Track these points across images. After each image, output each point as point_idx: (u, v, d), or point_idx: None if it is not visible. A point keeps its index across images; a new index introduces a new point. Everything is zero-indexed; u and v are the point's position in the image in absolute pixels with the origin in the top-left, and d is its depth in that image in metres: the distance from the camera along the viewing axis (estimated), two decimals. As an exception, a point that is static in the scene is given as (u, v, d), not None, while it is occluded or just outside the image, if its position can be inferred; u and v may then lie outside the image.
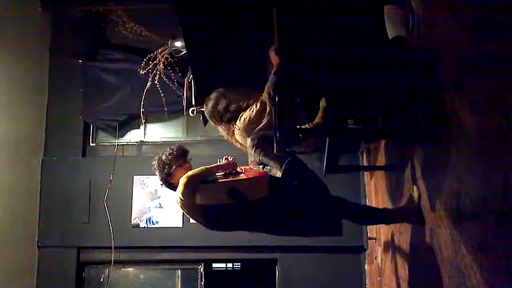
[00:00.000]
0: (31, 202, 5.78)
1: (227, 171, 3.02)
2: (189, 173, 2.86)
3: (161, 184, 3.11)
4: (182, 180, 2.82)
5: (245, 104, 3.38)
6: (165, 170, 3.02)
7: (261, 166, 3.09)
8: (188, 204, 2.85)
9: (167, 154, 3.05)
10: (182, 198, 2.84)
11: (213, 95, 3.49)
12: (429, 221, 2.62)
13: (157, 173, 3.07)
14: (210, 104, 3.47)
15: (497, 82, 1.68)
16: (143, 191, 5.82)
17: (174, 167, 3.01)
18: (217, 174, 2.97)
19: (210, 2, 3.57)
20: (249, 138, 3.17)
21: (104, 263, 5.77)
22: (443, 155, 2.28)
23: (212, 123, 3.61)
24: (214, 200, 2.84)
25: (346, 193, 3.95)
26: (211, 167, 2.93)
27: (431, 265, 2.51)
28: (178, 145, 3.17)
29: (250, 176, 2.96)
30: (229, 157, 3.13)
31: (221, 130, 3.60)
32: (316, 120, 3.30)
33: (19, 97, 5.73)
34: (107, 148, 6.15)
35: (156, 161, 3.07)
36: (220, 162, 3.07)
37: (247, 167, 3.16)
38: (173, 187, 3.00)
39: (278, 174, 2.96)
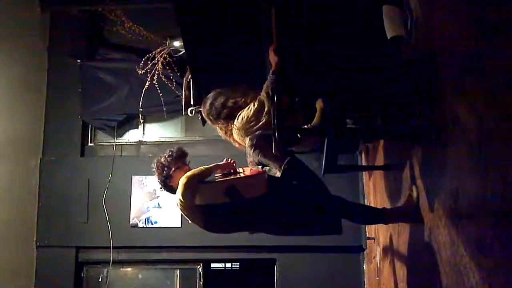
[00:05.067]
0: (30, 202, 5.77)
1: (226, 171, 3.03)
2: (189, 173, 2.86)
3: (160, 188, 3.10)
4: (182, 180, 2.82)
5: (242, 100, 3.37)
6: (164, 172, 3.01)
7: (260, 166, 3.09)
8: (188, 205, 2.85)
9: (166, 156, 3.04)
10: (181, 200, 2.83)
11: (210, 95, 3.50)
12: (427, 221, 2.62)
13: (156, 175, 3.06)
14: (208, 102, 3.47)
15: (496, 82, 1.68)
16: (142, 191, 5.81)
17: (173, 169, 3.00)
18: (216, 174, 2.98)
19: (208, 2, 3.57)
20: (248, 138, 3.17)
21: (102, 263, 5.76)
22: (442, 155, 2.28)
23: (209, 123, 3.60)
24: (212, 200, 2.85)
25: (345, 193, 3.94)
26: (210, 167, 2.93)
27: (429, 265, 2.51)
28: (177, 147, 3.16)
29: (248, 174, 2.97)
30: (229, 160, 3.14)
31: (219, 129, 3.59)
32: (314, 121, 3.30)
33: (17, 97, 5.73)
34: (106, 148, 6.14)
35: (155, 164, 3.06)
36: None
37: (247, 168, 3.17)
38: (172, 190, 2.99)
39: (278, 174, 2.96)
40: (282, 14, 3.16)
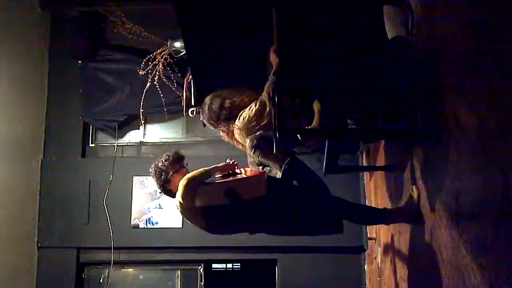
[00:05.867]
0: (31, 202, 5.78)
1: (225, 173, 3.02)
2: (189, 175, 2.85)
3: (160, 192, 3.10)
4: (182, 182, 2.81)
5: (239, 99, 3.37)
6: (162, 177, 2.99)
7: (260, 167, 3.09)
8: (188, 207, 2.84)
9: (163, 161, 3.02)
10: (181, 202, 2.83)
11: (206, 99, 3.49)
12: (428, 221, 2.62)
13: (154, 181, 3.05)
14: (206, 107, 3.47)
15: (496, 82, 1.68)
16: (143, 191, 5.81)
17: (171, 173, 2.99)
18: (216, 175, 2.98)
19: (209, 2, 3.57)
20: (248, 139, 3.17)
21: (103, 263, 5.77)
22: (443, 155, 2.28)
23: (211, 127, 3.60)
24: (212, 201, 2.84)
25: (346, 194, 3.95)
26: (209, 169, 2.92)
27: (430, 265, 2.51)
28: (174, 151, 3.14)
29: (247, 176, 2.97)
30: (231, 160, 3.13)
31: (221, 132, 3.59)
32: (314, 123, 3.30)
33: (18, 97, 5.73)
34: (107, 149, 6.15)
35: (153, 169, 3.04)
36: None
37: (247, 168, 3.17)
38: (172, 194, 2.99)
39: (278, 174, 2.96)
40: (283, 15, 3.16)
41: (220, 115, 3.39)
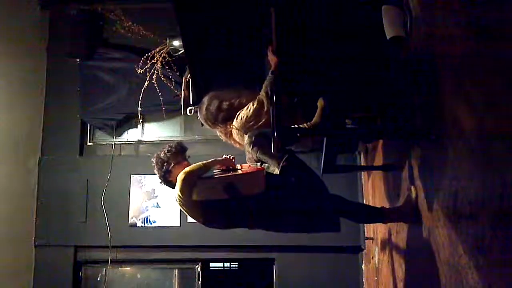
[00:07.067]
0: (28, 201, 5.76)
1: (224, 167, 3.03)
2: (187, 169, 2.87)
3: (160, 182, 3.11)
4: (180, 176, 2.83)
5: (237, 101, 3.38)
6: (164, 167, 3.02)
7: (258, 163, 3.10)
8: (186, 200, 2.86)
9: (166, 152, 3.05)
10: (180, 195, 2.84)
11: (204, 99, 3.51)
12: (426, 221, 2.62)
13: (155, 170, 3.07)
14: (203, 107, 3.48)
15: (495, 83, 1.68)
16: (141, 190, 5.81)
17: (172, 165, 3.01)
18: (214, 170, 2.99)
19: (208, 1, 3.57)
20: (246, 135, 3.17)
21: (101, 262, 5.75)
22: (441, 155, 2.29)
23: (208, 127, 3.61)
24: (211, 196, 2.86)
25: (344, 193, 3.94)
26: (208, 163, 2.94)
27: (428, 265, 2.51)
28: (176, 143, 3.17)
29: (247, 172, 2.98)
30: (229, 156, 3.13)
31: (219, 132, 3.60)
32: (314, 119, 3.31)
33: (16, 96, 5.72)
34: (105, 147, 6.14)
35: (155, 159, 3.07)
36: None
37: (245, 164, 3.17)
38: (172, 185, 3.01)
39: (276, 171, 2.97)
40: (282, 14, 3.16)
41: (218, 116, 3.40)
